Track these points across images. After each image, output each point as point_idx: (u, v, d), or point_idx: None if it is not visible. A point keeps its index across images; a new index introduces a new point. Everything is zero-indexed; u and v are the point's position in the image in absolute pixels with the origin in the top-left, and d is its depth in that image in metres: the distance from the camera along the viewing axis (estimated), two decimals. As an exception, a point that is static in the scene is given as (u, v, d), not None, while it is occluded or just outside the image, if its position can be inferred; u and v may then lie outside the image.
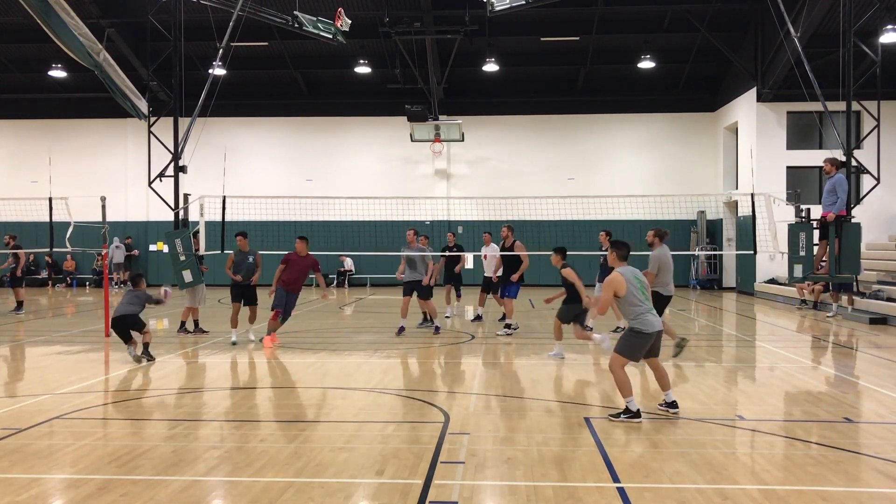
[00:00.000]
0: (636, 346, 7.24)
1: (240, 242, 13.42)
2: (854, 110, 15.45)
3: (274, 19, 20.21)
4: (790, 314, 18.21)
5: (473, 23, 23.05)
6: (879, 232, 22.93)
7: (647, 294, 7.33)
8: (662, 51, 25.88)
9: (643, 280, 7.42)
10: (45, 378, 9.88)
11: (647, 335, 7.25)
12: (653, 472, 5.88)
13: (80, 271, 29.30)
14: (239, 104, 27.77)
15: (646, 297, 7.31)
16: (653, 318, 7.25)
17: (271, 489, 5.46)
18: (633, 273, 7.36)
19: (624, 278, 7.24)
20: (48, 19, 12.30)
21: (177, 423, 7.61)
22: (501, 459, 6.17)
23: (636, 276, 7.35)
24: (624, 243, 7.69)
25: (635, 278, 7.31)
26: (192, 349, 12.57)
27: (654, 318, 7.27)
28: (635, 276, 7.32)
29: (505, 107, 28.40)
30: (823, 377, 10.23)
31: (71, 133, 29.36)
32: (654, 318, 7.29)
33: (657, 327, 7.25)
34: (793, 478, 5.73)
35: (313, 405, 8.39)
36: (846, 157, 14.62)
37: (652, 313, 7.28)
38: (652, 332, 7.24)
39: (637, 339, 7.24)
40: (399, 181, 28.29)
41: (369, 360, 11.43)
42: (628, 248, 7.66)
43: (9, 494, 5.35)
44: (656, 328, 7.25)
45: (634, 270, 7.45)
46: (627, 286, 7.20)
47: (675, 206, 23.80)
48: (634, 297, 7.22)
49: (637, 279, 7.32)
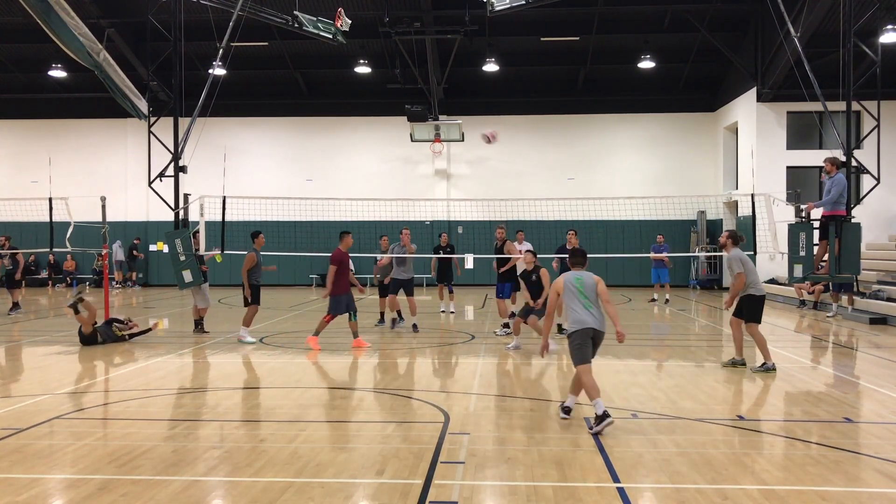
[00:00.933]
0: (579, 347, 7.29)
1: (260, 242, 13.31)
2: (854, 110, 15.45)
3: (274, 19, 20.22)
4: (790, 314, 18.21)
5: (473, 23, 23.05)
6: (879, 232, 22.93)
7: (585, 296, 7.37)
8: (662, 51, 25.88)
9: (586, 282, 7.46)
10: (45, 378, 9.88)
11: (583, 331, 7.30)
12: (653, 472, 5.88)
13: (81, 271, 29.30)
14: (239, 104, 27.77)
15: (582, 299, 7.35)
16: (587, 314, 7.29)
17: (271, 489, 5.46)
18: (574, 276, 7.49)
19: (563, 280, 7.51)
20: (48, 19, 12.32)
21: (177, 423, 7.62)
22: (501, 459, 6.17)
23: (578, 278, 7.46)
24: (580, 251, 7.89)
25: (576, 279, 7.44)
26: (193, 349, 12.56)
27: (587, 315, 7.30)
28: (576, 279, 7.45)
29: (505, 107, 28.39)
30: (823, 377, 10.23)
31: (71, 133, 29.36)
32: (589, 316, 7.30)
33: (590, 324, 7.29)
34: (793, 478, 5.73)
35: (313, 405, 8.38)
36: (846, 157, 14.62)
37: (587, 311, 7.31)
38: (584, 328, 7.29)
39: (576, 340, 7.30)
40: (399, 181, 28.29)
41: (369, 360, 11.43)
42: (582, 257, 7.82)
43: (9, 494, 5.36)
44: (589, 324, 7.29)
45: (581, 274, 7.53)
46: (565, 287, 7.42)
47: (675, 206, 23.81)
48: (571, 298, 7.40)
49: (578, 281, 7.43)
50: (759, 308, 10.30)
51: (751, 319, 10.28)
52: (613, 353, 11.84)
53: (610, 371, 10.33)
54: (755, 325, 10.25)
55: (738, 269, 10.10)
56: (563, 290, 7.45)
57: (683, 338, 14.50)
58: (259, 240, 13.34)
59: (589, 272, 7.63)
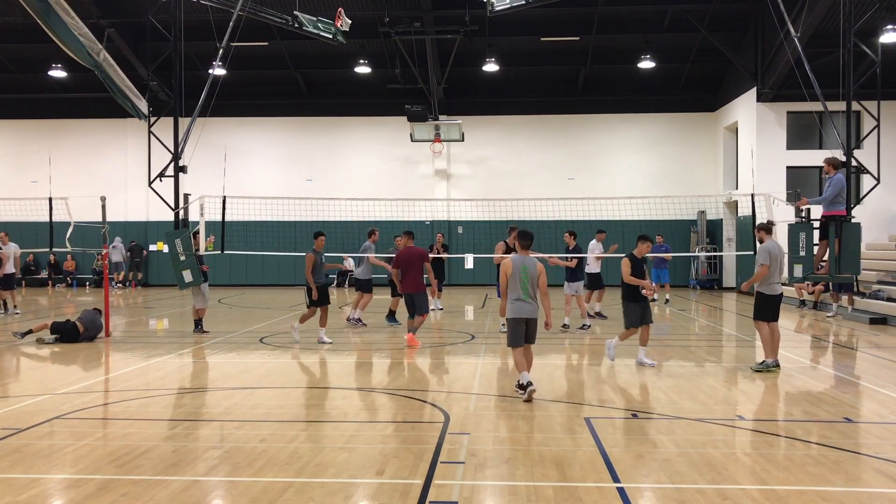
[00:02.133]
0: (512, 331, 7.96)
1: (320, 243, 13.10)
2: (854, 110, 15.43)
3: (274, 19, 20.21)
4: (790, 314, 18.21)
5: (473, 23, 23.04)
6: (879, 232, 22.92)
7: (527, 286, 7.95)
8: (662, 51, 25.87)
9: (530, 271, 8.05)
10: (45, 378, 9.88)
11: (517, 320, 7.96)
12: (653, 472, 5.88)
13: (81, 271, 29.30)
14: (239, 104, 27.77)
15: (524, 288, 7.95)
16: (523, 305, 7.92)
17: (271, 489, 5.46)
18: (522, 261, 7.97)
19: (512, 263, 8.02)
20: (48, 19, 12.31)
21: (177, 423, 7.62)
22: (501, 459, 6.17)
23: (525, 264, 7.95)
24: (527, 233, 8.43)
25: (523, 267, 7.91)
26: (193, 349, 12.56)
27: (523, 306, 7.94)
28: (523, 265, 7.92)
29: (505, 107, 28.39)
30: (823, 377, 10.23)
31: (71, 133, 29.35)
32: (525, 306, 7.95)
33: (525, 314, 7.94)
34: (793, 478, 5.73)
35: (313, 405, 8.38)
36: (846, 157, 14.60)
37: (523, 302, 7.92)
38: (519, 318, 7.95)
39: (512, 326, 7.95)
40: (399, 181, 28.29)
41: (369, 360, 11.42)
42: (530, 238, 8.43)
43: (9, 494, 5.36)
44: (524, 315, 7.94)
45: (527, 263, 8.05)
46: (513, 271, 7.89)
47: (675, 206, 23.82)
48: (514, 284, 7.91)
49: (524, 268, 7.92)
50: (767, 307, 10.22)
51: (756, 316, 10.29)
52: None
53: (610, 371, 10.33)
54: (760, 321, 10.21)
55: (763, 261, 10.06)
56: (510, 274, 7.97)
57: (683, 338, 14.50)
58: (319, 241, 13.07)
59: (534, 259, 8.17)
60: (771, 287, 10.21)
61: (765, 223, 11.02)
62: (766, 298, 10.22)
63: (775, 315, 10.25)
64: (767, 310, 10.21)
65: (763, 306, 10.23)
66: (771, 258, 10.09)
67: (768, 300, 10.22)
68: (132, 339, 14.25)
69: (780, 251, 10.33)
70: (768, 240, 10.48)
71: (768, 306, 10.22)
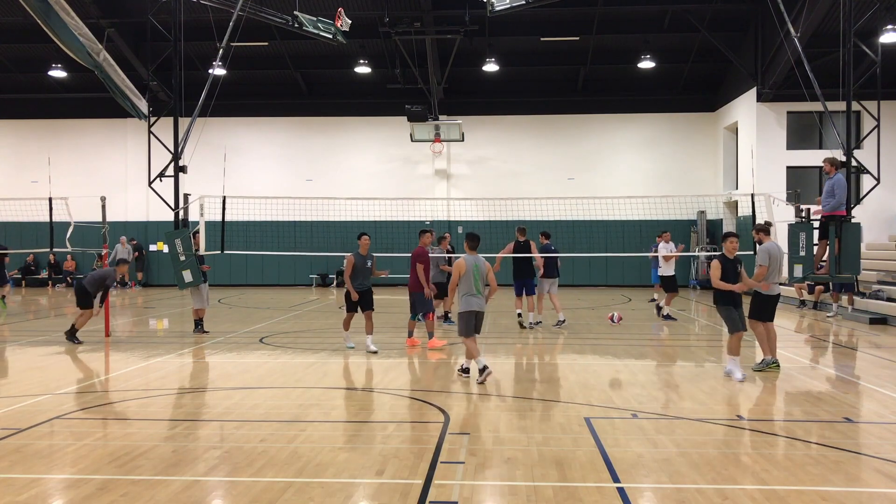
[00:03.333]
0: (465, 323, 8.87)
1: (364, 243, 12.15)
2: (854, 110, 15.43)
3: (274, 19, 20.22)
4: (790, 314, 18.20)
5: (473, 23, 23.05)
6: (879, 232, 22.92)
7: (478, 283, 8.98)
8: (662, 51, 25.87)
9: (482, 269, 9.09)
10: (45, 378, 9.88)
11: (470, 313, 8.90)
12: (653, 472, 5.88)
13: (81, 271, 29.27)
14: (239, 104, 27.77)
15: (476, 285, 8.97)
16: (474, 300, 8.96)
17: (271, 489, 5.46)
18: (475, 260, 8.82)
19: (465, 263, 8.84)
20: (48, 19, 12.32)
21: (177, 423, 7.62)
22: (501, 459, 6.17)
23: (476, 263, 8.83)
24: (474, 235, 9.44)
25: (475, 266, 8.76)
26: (193, 349, 12.56)
27: (475, 300, 9.00)
28: (476, 264, 8.78)
29: (505, 107, 28.39)
30: (823, 377, 10.23)
31: (71, 133, 29.35)
32: (476, 300, 9.02)
33: (474, 307, 8.97)
34: (793, 478, 5.73)
35: (313, 405, 8.38)
36: (846, 157, 14.60)
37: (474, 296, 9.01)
38: (472, 311, 8.94)
39: (463, 317, 8.84)
40: (399, 181, 28.29)
41: (369, 360, 11.42)
42: (477, 240, 9.38)
43: (9, 494, 5.36)
44: (474, 308, 8.96)
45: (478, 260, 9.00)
46: (467, 270, 8.72)
47: (675, 206, 23.81)
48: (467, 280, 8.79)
49: (476, 267, 8.82)
50: (763, 307, 10.23)
51: (751, 315, 10.25)
52: (613, 353, 11.85)
53: (610, 371, 10.34)
54: (755, 321, 10.21)
55: (763, 262, 10.11)
56: (464, 272, 8.82)
57: (683, 338, 14.50)
58: (363, 242, 12.12)
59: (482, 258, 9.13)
60: (771, 288, 10.22)
61: (762, 224, 11.09)
62: (763, 298, 10.26)
63: (770, 315, 10.30)
64: (762, 310, 10.25)
65: (759, 306, 10.26)
66: (770, 259, 10.14)
67: (765, 300, 10.25)
68: (132, 339, 14.25)
69: (779, 252, 10.35)
70: (767, 241, 10.53)
71: (764, 306, 10.25)
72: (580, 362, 11.20)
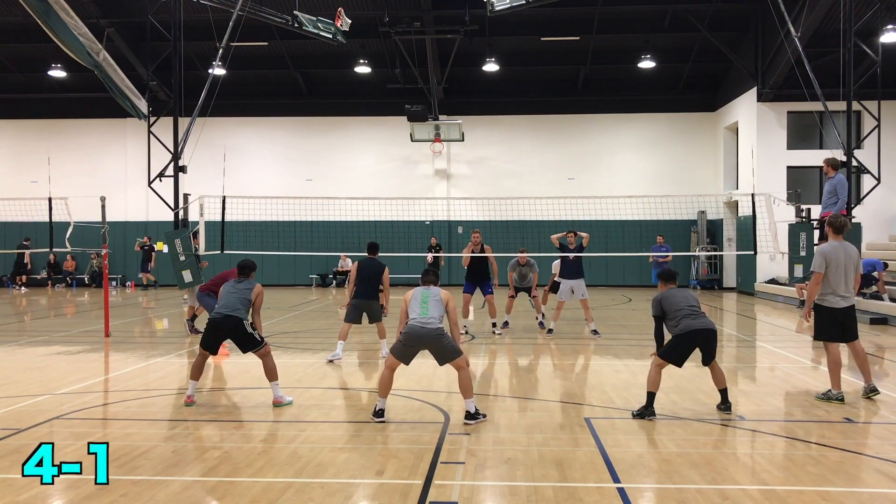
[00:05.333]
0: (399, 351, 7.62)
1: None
2: (854, 110, 15.46)
3: (274, 19, 20.22)
4: (790, 314, 18.20)
5: (473, 23, 23.04)
6: (879, 232, 22.92)
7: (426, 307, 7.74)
8: (662, 51, 25.87)
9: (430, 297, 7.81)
10: (45, 378, 9.87)
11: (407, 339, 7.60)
12: (653, 472, 5.88)
13: (81, 271, 29.29)
14: (239, 104, 27.77)
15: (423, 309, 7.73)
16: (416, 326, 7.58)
17: (271, 489, 5.46)
18: (422, 291, 7.92)
19: (412, 295, 7.96)
20: (48, 19, 12.31)
21: (177, 423, 7.61)
22: (501, 459, 6.16)
23: (423, 293, 7.87)
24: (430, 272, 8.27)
25: (422, 293, 7.88)
26: (193, 349, 12.55)
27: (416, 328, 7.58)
28: (423, 293, 7.88)
29: (505, 107, 28.39)
30: (823, 377, 10.21)
31: (71, 133, 29.35)
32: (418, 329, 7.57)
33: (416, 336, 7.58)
34: (793, 478, 5.73)
35: (313, 405, 8.38)
36: (847, 157, 14.62)
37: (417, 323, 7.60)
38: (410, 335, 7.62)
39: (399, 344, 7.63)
40: (399, 181, 28.29)
41: (369, 360, 11.42)
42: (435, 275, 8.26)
43: (9, 494, 5.35)
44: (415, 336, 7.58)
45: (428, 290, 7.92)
46: (411, 302, 7.86)
47: (675, 206, 23.79)
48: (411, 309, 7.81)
49: (423, 295, 7.86)
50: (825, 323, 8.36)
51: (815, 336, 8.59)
52: (613, 353, 11.85)
53: (610, 371, 10.33)
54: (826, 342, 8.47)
55: (817, 268, 8.23)
56: (408, 303, 7.93)
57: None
58: None
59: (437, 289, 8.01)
60: (827, 299, 8.30)
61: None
62: (825, 312, 8.34)
63: (841, 334, 8.36)
64: (825, 326, 8.36)
65: (821, 321, 8.40)
66: (828, 262, 8.19)
67: (827, 314, 8.32)
68: (132, 339, 14.25)
69: (844, 254, 8.24)
70: (834, 239, 8.41)
71: (826, 322, 8.34)
72: (581, 363, 11.20)
